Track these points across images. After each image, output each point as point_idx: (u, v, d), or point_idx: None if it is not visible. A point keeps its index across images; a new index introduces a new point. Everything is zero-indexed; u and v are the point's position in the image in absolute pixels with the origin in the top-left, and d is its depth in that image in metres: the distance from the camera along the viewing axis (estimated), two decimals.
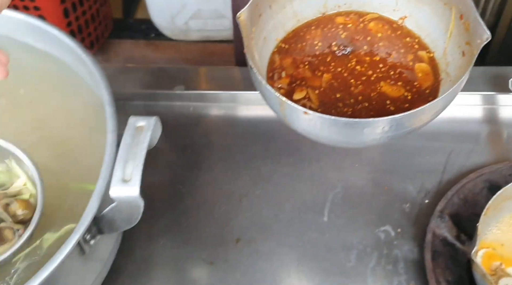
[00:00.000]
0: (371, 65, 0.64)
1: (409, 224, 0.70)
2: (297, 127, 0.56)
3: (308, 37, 0.67)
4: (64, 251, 0.45)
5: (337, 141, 0.57)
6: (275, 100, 0.54)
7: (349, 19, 0.69)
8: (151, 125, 0.52)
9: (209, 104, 0.83)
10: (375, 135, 0.53)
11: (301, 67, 0.64)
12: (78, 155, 0.63)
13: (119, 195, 0.49)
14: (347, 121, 0.51)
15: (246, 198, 0.73)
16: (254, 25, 0.62)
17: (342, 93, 0.61)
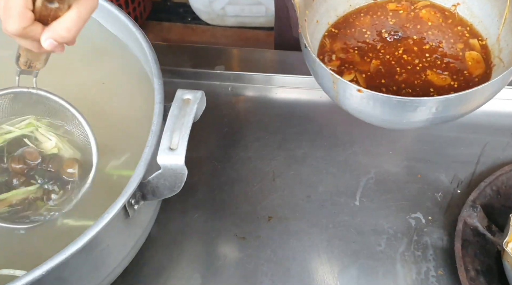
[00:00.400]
0: (418, 55, 0.64)
1: (441, 213, 0.71)
2: (348, 105, 0.57)
3: (357, 23, 0.68)
4: (112, 211, 0.48)
5: (386, 121, 0.57)
6: (327, 78, 0.56)
7: (401, 6, 0.69)
8: (197, 99, 0.54)
9: (247, 85, 0.85)
10: (424, 116, 0.54)
11: (351, 52, 0.65)
12: (123, 125, 0.65)
13: (165, 162, 0.51)
14: (401, 100, 0.51)
15: (280, 178, 0.75)
16: (307, 8, 0.64)
17: (387, 79, 0.62)
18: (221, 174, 0.76)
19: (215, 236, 0.70)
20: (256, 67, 0.85)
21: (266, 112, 0.82)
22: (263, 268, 0.67)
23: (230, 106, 0.83)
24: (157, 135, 0.54)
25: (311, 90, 0.83)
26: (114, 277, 0.58)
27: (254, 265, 0.67)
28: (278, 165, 0.76)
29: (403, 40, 0.66)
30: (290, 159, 0.76)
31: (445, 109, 0.53)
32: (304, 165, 0.76)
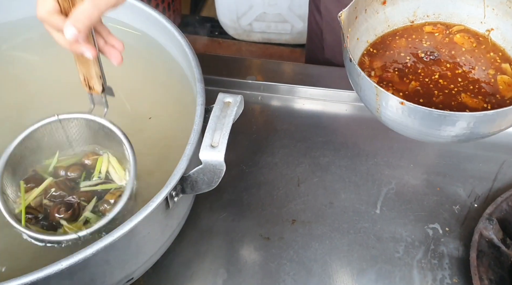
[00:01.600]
0: (452, 80, 0.67)
1: (457, 224, 0.74)
2: (388, 117, 0.60)
3: (394, 45, 0.72)
4: (156, 200, 0.52)
5: (423, 134, 0.60)
6: (371, 91, 0.59)
7: (437, 29, 0.73)
8: (237, 102, 0.59)
9: (276, 95, 0.89)
10: (462, 130, 0.57)
11: (391, 72, 0.69)
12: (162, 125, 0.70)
13: (207, 158, 0.55)
14: (441, 113, 0.55)
15: (304, 184, 0.79)
16: (350, 25, 0.68)
17: (424, 100, 0.65)
18: (248, 177, 0.80)
19: (241, 235, 0.74)
20: (285, 79, 0.90)
21: (293, 121, 0.86)
22: (286, 267, 0.71)
23: (259, 114, 0.87)
24: (198, 134, 0.58)
25: (336, 103, 0.87)
26: (150, 265, 0.62)
27: (277, 264, 0.71)
28: (303, 172, 0.80)
29: (439, 61, 0.70)
30: (314, 166, 0.80)
31: (481, 125, 0.56)
32: (328, 172, 0.79)
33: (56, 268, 0.48)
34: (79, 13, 0.50)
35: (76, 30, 0.50)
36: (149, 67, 0.76)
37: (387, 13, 0.73)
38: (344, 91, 0.87)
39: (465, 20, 0.73)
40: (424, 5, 0.73)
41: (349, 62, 0.62)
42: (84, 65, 0.58)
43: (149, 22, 0.72)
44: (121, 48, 0.58)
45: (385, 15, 0.73)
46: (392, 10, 0.73)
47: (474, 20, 0.73)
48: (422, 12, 0.74)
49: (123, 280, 0.58)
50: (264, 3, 1.64)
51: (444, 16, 0.74)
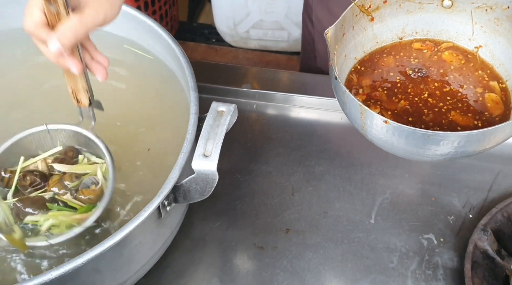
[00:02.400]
0: (441, 98, 0.67)
1: (452, 235, 0.74)
2: (374, 136, 0.60)
3: (382, 63, 0.72)
4: (148, 209, 0.52)
5: (409, 153, 0.60)
6: (356, 109, 0.59)
7: (425, 45, 0.73)
8: (231, 111, 0.59)
9: (271, 103, 0.89)
10: (447, 150, 0.57)
11: (379, 91, 0.69)
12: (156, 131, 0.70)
13: (199, 168, 0.55)
14: (425, 133, 0.54)
15: (298, 193, 0.78)
16: (337, 43, 0.67)
17: (414, 118, 0.65)
18: (242, 186, 0.79)
19: (235, 244, 0.73)
20: (280, 87, 0.90)
21: (288, 130, 0.86)
22: (279, 277, 0.70)
23: (254, 122, 0.87)
24: (191, 143, 0.58)
25: (331, 111, 0.87)
26: (142, 274, 0.62)
27: (271, 274, 0.71)
28: (298, 181, 0.80)
29: (427, 79, 0.70)
30: (309, 175, 0.80)
31: (466, 144, 0.56)
32: (322, 181, 0.79)
33: (46, 277, 0.47)
34: (66, 28, 0.51)
35: (62, 44, 0.51)
36: (142, 76, 0.76)
37: (375, 29, 0.73)
38: None
39: (454, 37, 0.73)
40: (412, 22, 0.74)
41: (334, 80, 0.61)
42: (72, 78, 0.59)
43: (143, 30, 0.72)
44: (106, 64, 0.59)
45: (373, 32, 0.73)
46: (380, 27, 0.73)
47: (463, 37, 0.73)
48: (411, 29, 0.74)
49: None
50: (261, 10, 1.65)
51: (433, 33, 0.74)
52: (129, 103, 0.74)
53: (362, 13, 0.70)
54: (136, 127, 0.72)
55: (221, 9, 1.68)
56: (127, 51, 0.77)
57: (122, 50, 0.77)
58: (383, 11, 0.71)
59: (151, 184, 0.65)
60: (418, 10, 0.72)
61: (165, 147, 0.68)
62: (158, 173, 0.67)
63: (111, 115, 0.71)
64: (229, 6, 1.65)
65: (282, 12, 1.64)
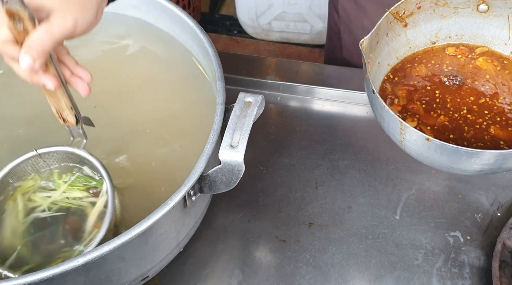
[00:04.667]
0: (480, 113, 0.66)
1: (479, 233, 0.72)
2: (413, 151, 0.60)
3: (415, 73, 0.70)
4: (174, 199, 0.52)
5: (450, 168, 0.60)
6: (395, 124, 0.58)
7: (459, 51, 0.71)
8: (258, 102, 0.58)
9: (296, 96, 0.88)
10: (489, 166, 0.56)
11: (417, 104, 0.67)
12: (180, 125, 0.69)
13: (226, 158, 0.54)
14: (469, 151, 0.54)
15: (322, 187, 0.77)
16: (372, 51, 0.66)
17: (455, 135, 0.64)
18: (265, 178, 0.79)
19: (257, 236, 0.73)
20: (305, 80, 0.89)
21: (312, 122, 0.85)
22: (301, 271, 0.70)
23: (278, 114, 0.86)
24: (217, 133, 0.57)
25: (357, 105, 0.86)
26: (165, 263, 0.62)
27: (293, 268, 0.70)
28: (321, 174, 0.79)
29: (463, 87, 0.68)
30: (333, 169, 0.79)
31: (509, 161, 0.55)
32: (347, 176, 0.78)
33: (72, 264, 0.47)
34: (32, 40, 0.47)
35: (31, 58, 0.47)
36: (167, 66, 0.75)
37: (408, 35, 0.71)
38: (364, 93, 0.84)
39: (489, 41, 0.72)
40: (446, 27, 0.72)
41: (372, 94, 0.60)
42: (53, 97, 0.56)
43: (170, 19, 0.72)
44: (88, 79, 0.55)
45: (407, 37, 0.71)
46: (413, 32, 0.71)
47: (499, 41, 0.71)
48: (445, 33, 0.72)
49: (138, 278, 0.58)
50: (284, 2, 1.63)
51: (467, 37, 0.72)
52: (154, 92, 0.74)
53: (396, 20, 0.68)
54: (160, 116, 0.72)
55: (244, 1, 1.67)
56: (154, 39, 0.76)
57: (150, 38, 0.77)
58: (417, 16, 0.70)
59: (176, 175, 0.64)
60: (453, 15, 0.71)
61: (190, 137, 0.68)
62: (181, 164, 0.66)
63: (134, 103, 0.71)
64: None
65: (305, 4, 1.62)
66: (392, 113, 0.58)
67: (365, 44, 0.62)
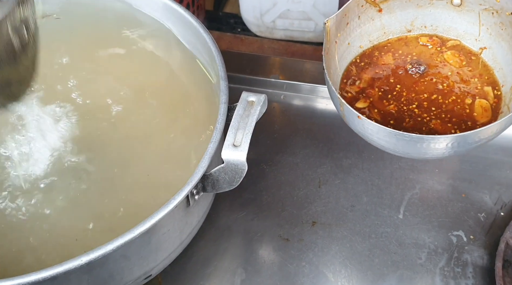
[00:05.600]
0: (426, 109, 0.68)
1: (483, 233, 0.72)
2: (353, 127, 0.64)
3: (381, 62, 0.73)
4: (178, 198, 0.52)
5: (387, 149, 0.64)
6: (336, 101, 0.63)
7: (432, 41, 0.73)
8: (261, 101, 0.58)
9: (299, 94, 0.88)
10: (421, 150, 0.60)
11: (375, 90, 0.70)
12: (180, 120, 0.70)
13: (229, 157, 0.54)
14: (392, 132, 0.58)
15: (325, 185, 0.77)
16: (340, 31, 0.69)
17: (396, 123, 0.67)
18: (268, 177, 0.79)
19: (260, 235, 0.73)
20: (308, 78, 0.89)
21: (315, 121, 0.85)
22: (305, 269, 0.70)
23: (281, 113, 0.86)
24: (220, 132, 0.58)
25: None
26: (168, 262, 0.62)
27: (296, 266, 0.70)
28: (325, 173, 0.79)
29: (424, 77, 0.70)
30: (336, 168, 0.79)
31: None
32: (350, 175, 0.78)
33: (75, 263, 0.47)
34: None
35: None
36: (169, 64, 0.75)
37: (383, 20, 0.73)
38: None
39: (461, 35, 0.73)
40: (422, 17, 0.74)
41: (323, 69, 0.64)
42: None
43: (173, 17, 0.72)
44: None
45: (382, 23, 0.73)
46: (389, 18, 0.73)
47: (470, 37, 0.73)
48: (420, 23, 0.74)
49: (141, 276, 0.58)
50: (289, 0, 1.62)
51: (441, 29, 0.74)
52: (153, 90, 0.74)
53: (368, 4, 0.70)
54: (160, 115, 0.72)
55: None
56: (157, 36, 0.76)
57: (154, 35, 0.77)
58: (392, 3, 0.72)
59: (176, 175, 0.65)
60: (428, 5, 0.73)
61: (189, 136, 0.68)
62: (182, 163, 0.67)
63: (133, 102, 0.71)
64: None
65: (310, 2, 1.61)
66: (333, 89, 0.62)
67: (329, 23, 0.66)
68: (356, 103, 0.69)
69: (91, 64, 0.75)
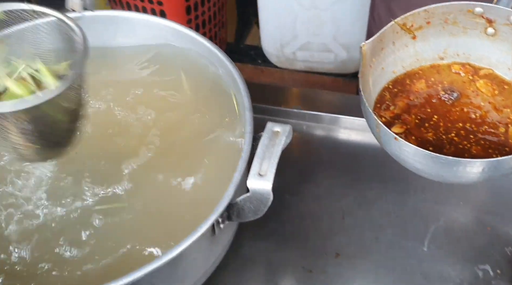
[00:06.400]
0: (465, 137, 0.67)
1: (510, 267, 0.71)
2: (389, 150, 0.64)
3: (415, 89, 0.73)
4: (204, 226, 0.52)
5: (421, 172, 0.63)
6: (373, 122, 0.63)
7: (464, 69, 0.73)
8: (286, 132, 0.59)
9: (321, 125, 0.89)
10: (457, 173, 0.59)
11: (412, 117, 0.69)
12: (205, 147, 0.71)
13: (254, 186, 0.55)
14: (428, 154, 0.57)
15: (349, 217, 0.77)
16: (374, 56, 0.69)
17: (435, 149, 0.65)
18: (291, 207, 0.79)
19: (283, 266, 0.73)
20: (330, 109, 0.90)
21: (338, 152, 0.85)
22: None
23: (304, 143, 0.87)
24: (246, 161, 0.58)
25: None
26: None
27: None
28: (348, 204, 0.78)
29: (457, 105, 0.70)
30: (360, 199, 0.79)
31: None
32: (374, 206, 0.78)
33: None
34: None
35: None
36: (195, 94, 0.77)
37: (417, 47, 0.73)
38: None
39: (494, 64, 0.73)
40: (455, 45, 0.74)
41: (359, 91, 0.64)
42: None
43: (200, 50, 0.74)
44: None
45: (415, 49, 0.73)
46: (422, 45, 0.73)
47: (503, 66, 0.72)
48: (453, 50, 0.74)
49: None
50: (309, 33, 1.65)
51: (474, 58, 0.74)
52: (180, 118, 0.76)
53: (403, 31, 0.71)
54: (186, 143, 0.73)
55: (269, 32, 1.70)
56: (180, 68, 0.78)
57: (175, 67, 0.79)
58: (426, 31, 0.72)
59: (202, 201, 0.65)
60: (462, 34, 0.73)
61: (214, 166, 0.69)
62: (208, 191, 0.67)
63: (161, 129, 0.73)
64: (276, 29, 1.67)
65: (330, 34, 1.64)
66: (369, 110, 0.61)
67: (365, 47, 0.66)
68: (392, 128, 0.68)
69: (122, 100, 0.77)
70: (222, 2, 1.70)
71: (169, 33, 0.76)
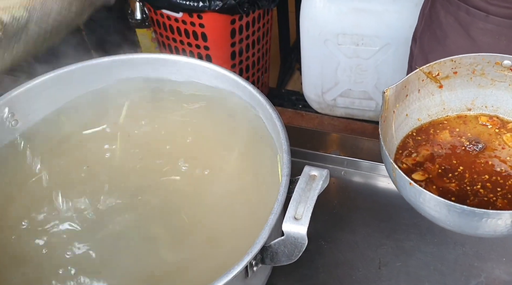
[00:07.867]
0: (492, 190, 0.65)
1: None
2: (405, 195, 0.63)
3: (439, 139, 0.71)
4: (237, 268, 0.52)
5: (438, 220, 0.61)
6: (389, 166, 0.61)
7: (492, 121, 0.72)
8: (323, 176, 0.59)
9: (359, 171, 0.88)
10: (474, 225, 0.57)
11: (436, 166, 0.68)
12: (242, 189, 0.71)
13: (289, 230, 0.55)
14: (446, 203, 0.55)
15: (386, 267, 0.75)
16: (398, 102, 0.69)
17: (457, 200, 0.64)
18: (326, 254, 0.78)
19: None
20: (370, 156, 0.89)
21: (376, 200, 0.84)
22: None
23: (341, 189, 0.86)
24: (281, 204, 0.58)
25: None
26: None
27: None
28: (385, 254, 0.76)
29: (482, 157, 0.68)
30: (398, 250, 0.77)
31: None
32: (412, 257, 0.75)
33: None
34: None
35: None
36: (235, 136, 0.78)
37: (443, 97, 0.72)
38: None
39: None
40: (483, 96, 0.73)
41: (379, 135, 0.63)
42: None
43: (242, 94, 0.76)
44: None
45: (441, 99, 0.72)
46: (449, 95, 0.72)
47: None
48: (481, 102, 0.73)
49: None
50: (351, 80, 1.67)
51: (503, 111, 0.72)
52: (218, 159, 0.77)
53: (429, 79, 0.70)
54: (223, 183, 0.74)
55: (310, 78, 1.73)
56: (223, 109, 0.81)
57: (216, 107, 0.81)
58: (453, 81, 0.71)
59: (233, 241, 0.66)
60: (490, 86, 0.72)
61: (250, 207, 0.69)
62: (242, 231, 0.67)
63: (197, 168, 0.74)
64: (318, 75, 1.69)
65: (371, 82, 1.65)
66: (386, 153, 0.60)
67: (388, 93, 0.65)
68: (412, 175, 0.68)
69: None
70: (266, 48, 1.76)
71: (213, 76, 0.78)
